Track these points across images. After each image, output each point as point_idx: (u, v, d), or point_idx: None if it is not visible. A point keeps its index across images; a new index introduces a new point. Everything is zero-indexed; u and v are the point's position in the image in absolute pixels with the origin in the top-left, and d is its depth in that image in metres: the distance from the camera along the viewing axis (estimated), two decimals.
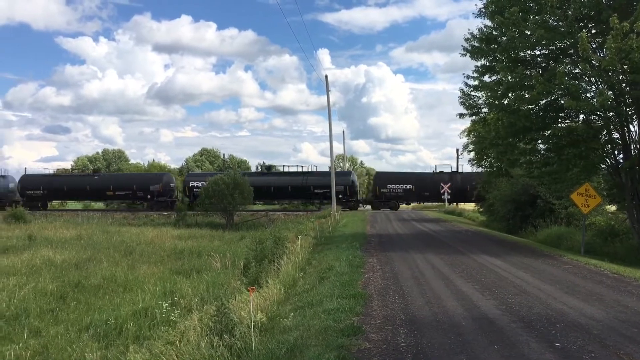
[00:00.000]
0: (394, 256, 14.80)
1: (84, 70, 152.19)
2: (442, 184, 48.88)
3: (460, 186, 49.20)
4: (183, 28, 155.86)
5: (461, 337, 6.71)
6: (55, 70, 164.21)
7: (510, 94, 18.05)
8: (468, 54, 19.22)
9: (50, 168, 68.94)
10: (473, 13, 19.53)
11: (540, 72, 17.30)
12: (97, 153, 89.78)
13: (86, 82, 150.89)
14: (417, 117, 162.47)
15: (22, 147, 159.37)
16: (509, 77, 17.65)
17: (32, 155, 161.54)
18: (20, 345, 10.29)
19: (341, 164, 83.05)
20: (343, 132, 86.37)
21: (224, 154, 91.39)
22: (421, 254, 15.34)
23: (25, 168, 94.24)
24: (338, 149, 76.92)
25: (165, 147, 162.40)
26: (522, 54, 18.10)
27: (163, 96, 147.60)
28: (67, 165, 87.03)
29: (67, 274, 17.84)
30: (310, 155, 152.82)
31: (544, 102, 17.47)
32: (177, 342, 7.56)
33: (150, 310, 12.08)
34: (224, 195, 41.28)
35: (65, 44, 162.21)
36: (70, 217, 46.79)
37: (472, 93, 19.94)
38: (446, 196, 48.07)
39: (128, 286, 15.74)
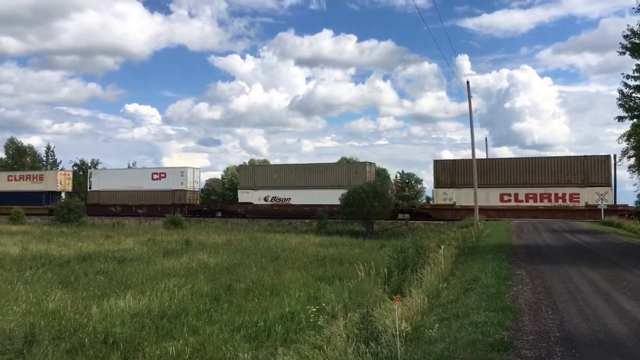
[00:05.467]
0: (544, 269, 13.99)
1: (233, 86, 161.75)
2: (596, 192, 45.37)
3: None
4: (324, 42, 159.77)
5: (626, 359, 6.15)
6: (208, 87, 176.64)
7: None
8: (627, 52, 17.77)
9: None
10: (633, 8, 17.99)
11: None
12: (245, 163, 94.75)
13: (235, 97, 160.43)
14: (566, 122, 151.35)
15: (179, 158, 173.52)
16: None
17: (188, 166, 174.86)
18: (181, 342, 11.11)
19: None
20: (485, 138, 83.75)
21: None
22: (575, 267, 14.35)
23: None
24: (480, 156, 74.44)
25: (306, 156, 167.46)
26: None
27: (304, 108, 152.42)
28: (218, 174, 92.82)
29: (219, 277, 18.99)
30: None
31: None
32: (325, 347, 7.73)
33: (296, 314, 12.48)
34: (364, 203, 41.76)
35: (216, 62, 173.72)
36: (221, 223, 49.88)
37: (633, 94, 18.36)
38: (602, 205, 44.43)
39: (275, 290, 16.38)
